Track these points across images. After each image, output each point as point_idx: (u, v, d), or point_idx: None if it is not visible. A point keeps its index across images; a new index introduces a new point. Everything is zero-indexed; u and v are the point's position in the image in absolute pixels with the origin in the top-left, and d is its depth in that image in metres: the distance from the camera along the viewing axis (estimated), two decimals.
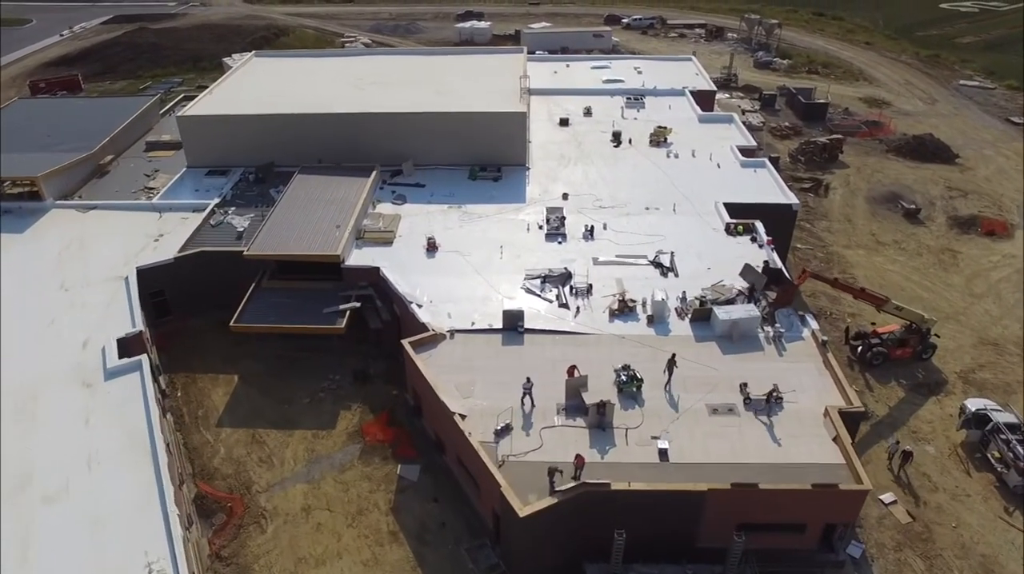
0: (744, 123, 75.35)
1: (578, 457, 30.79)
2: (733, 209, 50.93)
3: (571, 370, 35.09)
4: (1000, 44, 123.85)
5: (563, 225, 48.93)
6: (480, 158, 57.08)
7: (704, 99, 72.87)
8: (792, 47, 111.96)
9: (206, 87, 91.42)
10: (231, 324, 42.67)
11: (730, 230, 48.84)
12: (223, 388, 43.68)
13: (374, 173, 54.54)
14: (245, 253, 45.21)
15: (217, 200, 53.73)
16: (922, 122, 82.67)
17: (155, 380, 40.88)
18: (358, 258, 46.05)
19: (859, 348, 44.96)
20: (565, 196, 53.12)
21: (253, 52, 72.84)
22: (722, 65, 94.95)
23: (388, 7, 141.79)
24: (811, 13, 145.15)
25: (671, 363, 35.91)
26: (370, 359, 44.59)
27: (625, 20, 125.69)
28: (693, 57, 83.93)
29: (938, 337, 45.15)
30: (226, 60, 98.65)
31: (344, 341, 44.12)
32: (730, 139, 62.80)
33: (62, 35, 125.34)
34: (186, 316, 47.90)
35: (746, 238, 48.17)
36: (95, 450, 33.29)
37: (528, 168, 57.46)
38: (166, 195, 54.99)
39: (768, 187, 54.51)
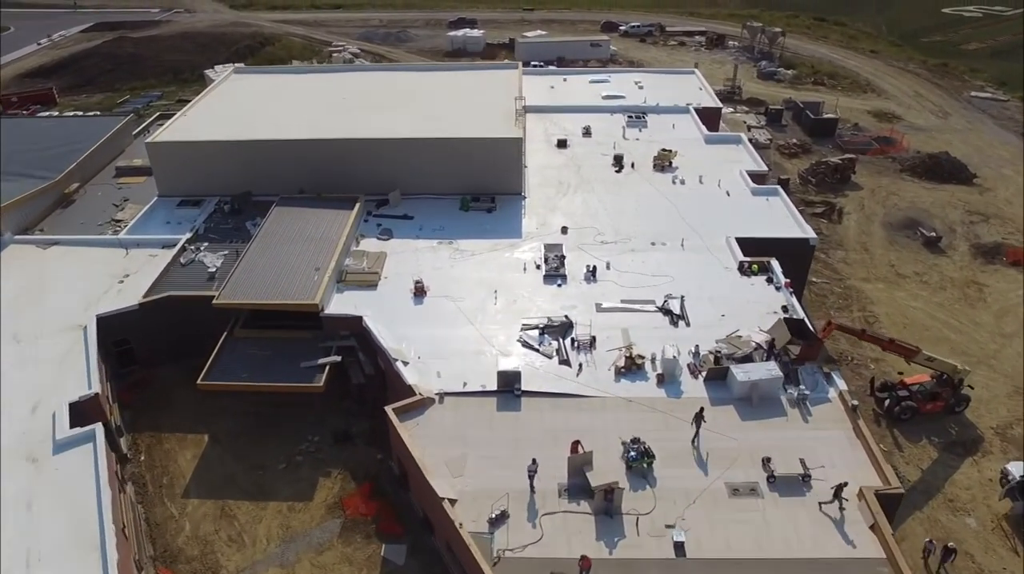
0: (751, 140, 71.91)
1: (584, 559, 27.01)
2: (746, 244, 47.21)
3: (574, 446, 31.33)
4: (1007, 51, 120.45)
5: (563, 265, 45.10)
6: (473, 187, 53.20)
7: (709, 117, 69.18)
8: (796, 56, 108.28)
9: (187, 101, 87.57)
10: (198, 382, 38.77)
11: (744, 269, 45.09)
12: (191, 450, 39.76)
13: (358, 205, 50.63)
14: (215, 301, 41.25)
15: (188, 235, 49.81)
16: (936, 138, 79.05)
17: (114, 445, 37.08)
18: (339, 304, 42.16)
19: (886, 401, 41.22)
20: (564, 230, 49.31)
21: (233, 68, 68.82)
22: (725, 77, 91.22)
23: (378, 13, 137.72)
24: (812, 18, 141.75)
25: (699, 417, 32.50)
26: (352, 418, 40.70)
27: (623, 27, 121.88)
28: (696, 71, 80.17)
29: (971, 388, 41.49)
30: (208, 72, 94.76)
31: (324, 397, 40.21)
32: (739, 162, 59.13)
33: (40, 44, 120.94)
34: (153, 365, 44.00)
35: (761, 278, 44.44)
36: (36, 544, 29.32)
37: (524, 197, 53.64)
38: (134, 229, 51.00)
39: (782, 218, 50.80)
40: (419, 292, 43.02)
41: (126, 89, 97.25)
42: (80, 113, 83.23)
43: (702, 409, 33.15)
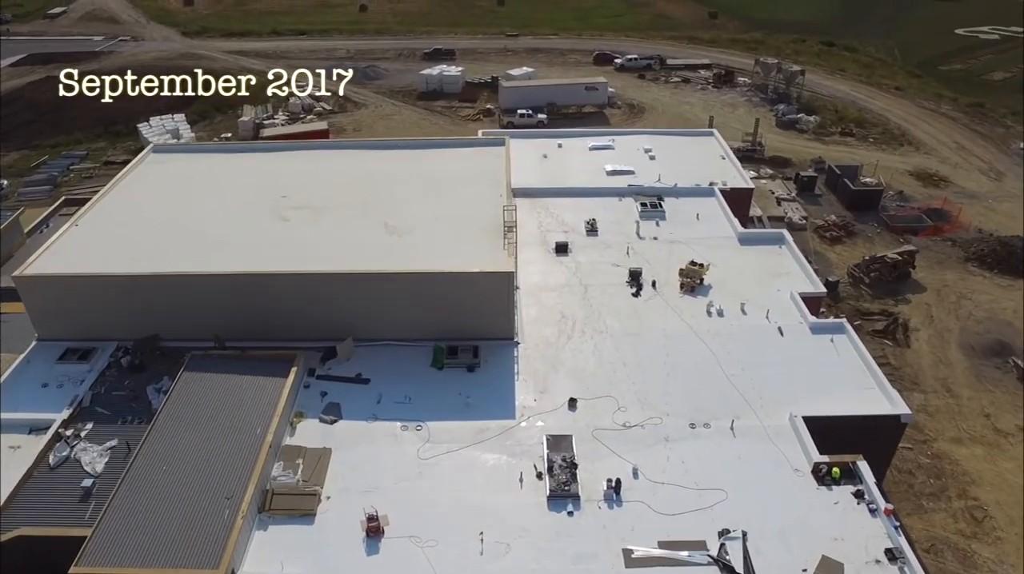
0: (784, 221, 59.89)
1: None
2: (817, 426, 34.97)
3: None
4: None
5: (573, 480, 32.48)
6: (450, 330, 40.47)
7: (739, 200, 56.81)
8: (814, 95, 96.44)
9: (115, 163, 74.81)
10: None
11: (821, 474, 32.81)
12: None
13: (293, 370, 37.70)
14: (71, 571, 28.22)
15: (67, 413, 36.78)
16: (995, 209, 67.40)
17: None
18: (257, 558, 29.34)
19: None
20: (573, 404, 36.73)
21: (152, 147, 55.34)
22: (744, 131, 78.92)
23: (346, 42, 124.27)
24: (820, 43, 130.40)
25: None
26: None
27: (618, 60, 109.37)
28: (715, 132, 67.71)
29: None
30: (142, 128, 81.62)
31: None
32: (785, 273, 47.04)
33: None
34: None
35: (846, 489, 32.18)
36: None
37: (517, 343, 40.95)
38: None
39: (857, 375, 38.50)
40: (373, 531, 30.29)
41: (46, 146, 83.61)
42: None
43: None
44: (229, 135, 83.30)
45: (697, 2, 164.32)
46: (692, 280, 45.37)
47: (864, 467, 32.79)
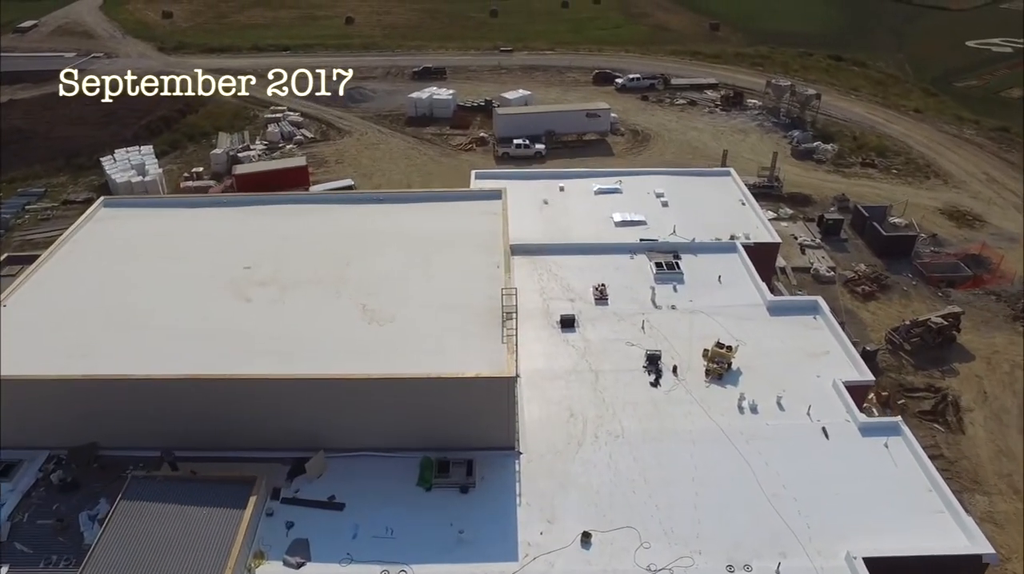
0: (811, 272, 54.02)
1: None
2: (879, 567, 29.01)
3: None
4: None
5: None
6: (439, 441, 34.31)
7: (763, 255, 50.90)
8: (829, 119, 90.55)
9: (77, 204, 68.94)
10: None
11: None
12: None
13: (252, 498, 31.43)
14: None
15: None
16: None
17: None
18: None
19: None
20: (586, 539, 30.60)
21: (102, 201, 48.90)
22: (761, 166, 72.75)
23: (331, 58, 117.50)
24: (827, 58, 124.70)
25: None
26: None
27: (620, 80, 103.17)
28: (732, 171, 61.63)
29: None
30: (105, 163, 75.10)
31: None
32: (823, 351, 41.27)
33: None
34: None
35: None
36: None
37: (518, 454, 34.80)
38: None
39: (922, 496, 32.56)
40: None
41: (2, 181, 76.90)
42: None
43: None
44: (200, 169, 76.70)
45: (697, 12, 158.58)
46: (719, 367, 39.31)
47: None
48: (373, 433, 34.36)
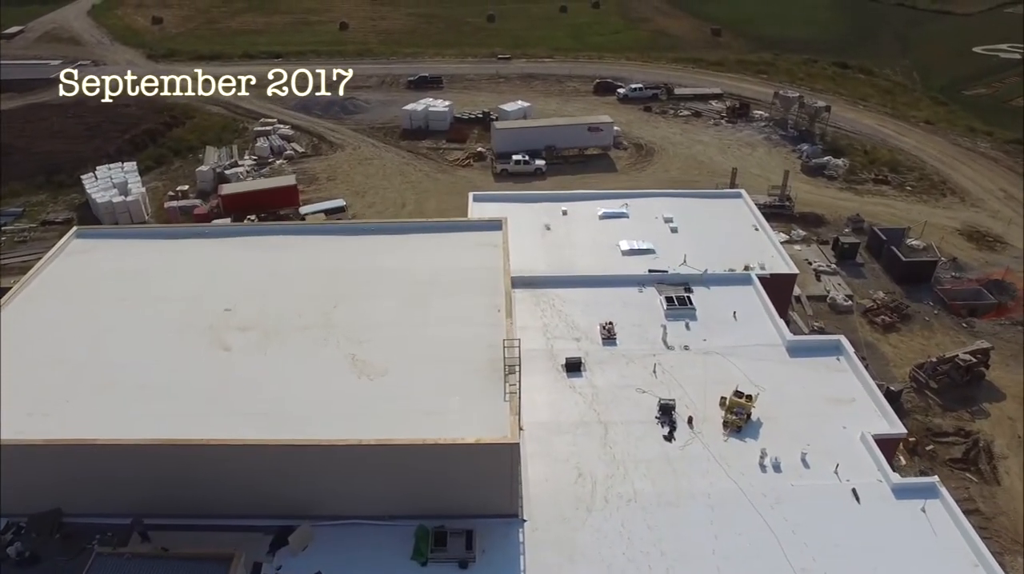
0: (828, 301, 51.21)
1: None
2: None
3: None
4: None
5: None
6: (435, 509, 31.28)
7: (779, 286, 48.03)
8: (839, 131, 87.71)
9: (56, 225, 66.28)
10: None
11: None
12: None
13: None
14: None
15: None
16: None
17: None
18: None
19: None
20: None
21: (75, 231, 45.78)
22: (771, 185, 69.78)
23: (323, 65, 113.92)
24: (833, 65, 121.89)
25: None
26: None
27: (621, 90, 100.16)
28: (743, 193, 58.69)
29: None
30: (86, 181, 72.03)
31: None
32: (848, 398, 38.45)
33: None
34: None
35: None
36: None
37: (522, 521, 31.81)
38: None
39: (965, 572, 29.68)
40: None
41: None
42: None
43: None
44: (186, 187, 73.56)
45: (697, 17, 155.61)
46: (738, 418, 36.35)
47: None
48: (363, 500, 31.35)
